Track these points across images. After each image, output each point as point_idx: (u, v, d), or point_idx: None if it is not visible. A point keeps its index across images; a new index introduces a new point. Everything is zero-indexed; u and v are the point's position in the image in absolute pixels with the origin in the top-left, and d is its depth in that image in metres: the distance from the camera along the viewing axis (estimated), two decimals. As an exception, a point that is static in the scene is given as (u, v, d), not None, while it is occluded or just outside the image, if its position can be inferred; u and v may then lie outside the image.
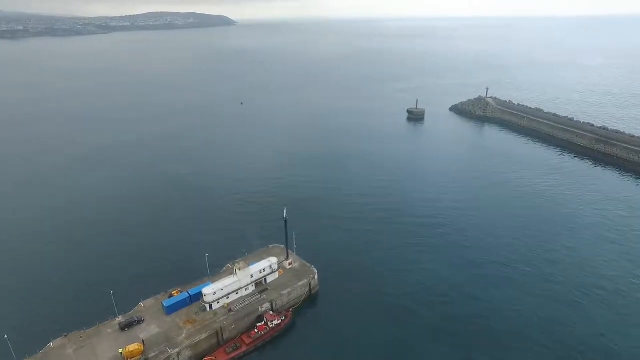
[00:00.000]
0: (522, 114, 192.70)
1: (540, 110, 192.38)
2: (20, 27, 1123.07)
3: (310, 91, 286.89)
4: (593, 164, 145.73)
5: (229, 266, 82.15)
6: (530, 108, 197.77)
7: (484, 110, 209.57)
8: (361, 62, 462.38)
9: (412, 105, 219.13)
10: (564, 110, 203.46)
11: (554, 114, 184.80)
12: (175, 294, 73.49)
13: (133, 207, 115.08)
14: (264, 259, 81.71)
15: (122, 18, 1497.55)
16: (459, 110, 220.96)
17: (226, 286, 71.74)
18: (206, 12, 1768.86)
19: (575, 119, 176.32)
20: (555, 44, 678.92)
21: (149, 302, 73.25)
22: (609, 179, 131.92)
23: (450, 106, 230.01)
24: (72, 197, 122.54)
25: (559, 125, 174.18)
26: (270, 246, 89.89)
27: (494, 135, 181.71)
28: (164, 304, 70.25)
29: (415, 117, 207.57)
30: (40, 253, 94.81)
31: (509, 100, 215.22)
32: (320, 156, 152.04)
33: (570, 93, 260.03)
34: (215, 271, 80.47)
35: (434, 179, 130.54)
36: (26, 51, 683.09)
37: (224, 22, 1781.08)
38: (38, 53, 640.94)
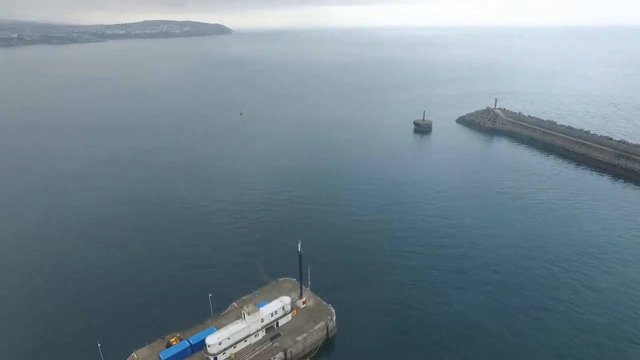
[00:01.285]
0: (535, 127, 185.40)
1: (553, 123, 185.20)
2: (15, 35, 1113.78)
3: (311, 101, 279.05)
4: (615, 180, 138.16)
5: (234, 305, 72.74)
6: (543, 120, 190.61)
7: (493, 122, 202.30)
8: (362, 70, 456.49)
9: (417, 117, 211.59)
10: (567, 121, 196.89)
11: (569, 127, 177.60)
12: (174, 342, 63.68)
13: (122, 234, 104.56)
14: (274, 295, 72.57)
15: (118, 26, 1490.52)
16: (467, 121, 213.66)
17: (233, 334, 62.14)
18: (202, 21, 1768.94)
19: (591, 132, 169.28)
20: (553, 52, 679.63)
21: (143, 352, 63.40)
22: (636, 198, 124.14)
23: (457, 117, 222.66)
24: (51, 221, 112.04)
25: (575, 139, 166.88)
26: (280, 280, 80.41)
27: (507, 149, 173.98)
28: (161, 357, 60.42)
29: (423, 129, 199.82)
30: (10, 293, 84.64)
31: (519, 112, 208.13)
32: (328, 173, 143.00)
33: (573, 103, 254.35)
34: (219, 312, 71.00)
35: (451, 199, 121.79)
36: (19, 59, 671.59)
37: (220, 30, 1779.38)
38: (30, 61, 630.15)
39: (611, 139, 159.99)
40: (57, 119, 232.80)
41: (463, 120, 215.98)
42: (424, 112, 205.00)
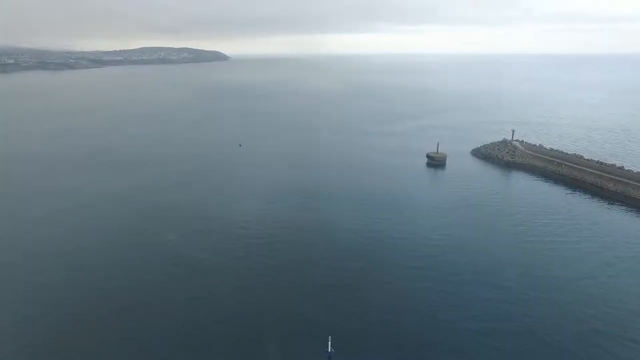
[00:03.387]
0: (560, 160, 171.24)
1: (580, 157, 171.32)
2: (11, 61, 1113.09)
3: (313, 130, 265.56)
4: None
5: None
6: (568, 153, 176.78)
7: (512, 155, 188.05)
8: (363, 97, 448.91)
9: (427, 148, 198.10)
10: (587, 152, 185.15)
11: (599, 162, 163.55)
12: None
13: (86, 314, 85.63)
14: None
15: (115, 52, 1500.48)
16: (483, 154, 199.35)
17: None
18: (199, 48, 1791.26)
19: (625, 168, 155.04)
20: (549, 80, 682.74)
21: None
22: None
23: (471, 149, 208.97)
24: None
25: (608, 175, 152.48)
26: (296, 377, 61.93)
27: (534, 186, 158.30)
28: None
29: (437, 162, 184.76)
30: None
31: (539, 144, 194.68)
32: (343, 223, 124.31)
33: (587, 133, 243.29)
34: None
35: (489, 252, 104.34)
36: (12, 85, 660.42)
37: (217, 57, 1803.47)
38: (23, 86, 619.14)
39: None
40: (30, 152, 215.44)
41: (478, 153, 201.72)
42: (438, 144, 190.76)
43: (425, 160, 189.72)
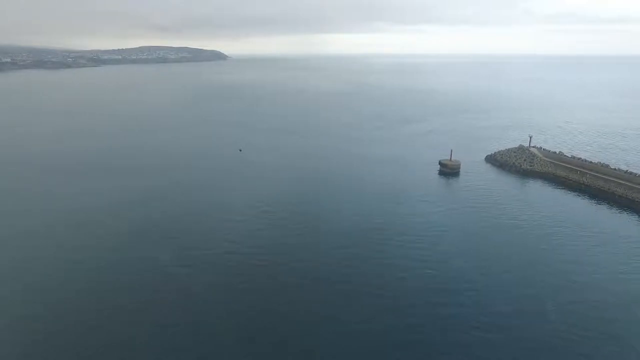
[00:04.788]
0: (582, 169, 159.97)
1: (606, 166, 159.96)
2: (8, 59, 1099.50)
3: (317, 134, 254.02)
4: None
5: None
6: (592, 162, 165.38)
7: (530, 163, 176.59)
8: (365, 99, 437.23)
9: (442, 156, 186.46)
10: (604, 159, 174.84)
11: (627, 171, 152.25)
12: None
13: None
14: None
15: (114, 51, 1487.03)
16: (498, 161, 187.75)
17: None
18: (199, 47, 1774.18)
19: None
20: (551, 81, 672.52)
21: None
22: None
23: (485, 156, 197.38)
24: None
25: (637, 186, 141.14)
26: None
27: (557, 198, 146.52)
28: None
29: (451, 170, 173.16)
30: None
31: (559, 151, 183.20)
32: (351, 238, 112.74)
33: (595, 139, 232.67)
34: None
35: (525, 284, 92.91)
36: (7, 84, 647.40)
37: (216, 56, 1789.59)
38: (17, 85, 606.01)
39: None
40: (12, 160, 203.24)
41: (493, 160, 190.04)
42: (451, 151, 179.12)
43: (437, 167, 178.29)
